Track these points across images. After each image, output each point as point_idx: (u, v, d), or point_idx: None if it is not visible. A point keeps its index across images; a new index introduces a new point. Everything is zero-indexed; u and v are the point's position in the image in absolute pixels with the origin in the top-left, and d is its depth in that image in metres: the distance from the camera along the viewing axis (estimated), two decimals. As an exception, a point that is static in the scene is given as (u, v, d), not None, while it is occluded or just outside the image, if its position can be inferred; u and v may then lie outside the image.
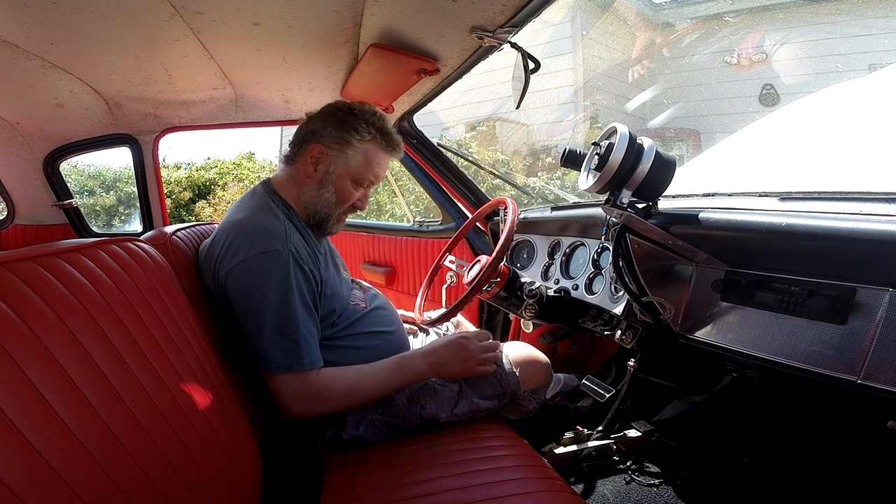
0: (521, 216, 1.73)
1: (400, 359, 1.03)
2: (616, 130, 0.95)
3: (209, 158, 7.10)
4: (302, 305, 0.94)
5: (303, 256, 0.97)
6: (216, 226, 1.07)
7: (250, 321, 0.93)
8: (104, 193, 6.19)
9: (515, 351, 1.17)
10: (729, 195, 1.12)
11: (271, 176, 1.11)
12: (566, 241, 1.52)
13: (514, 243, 1.74)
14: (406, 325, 1.30)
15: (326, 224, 1.07)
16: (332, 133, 1.03)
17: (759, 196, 1.03)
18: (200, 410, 0.71)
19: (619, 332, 1.17)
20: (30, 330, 0.50)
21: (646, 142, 0.95)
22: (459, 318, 1.46)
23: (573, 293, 1.34)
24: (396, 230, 2.36)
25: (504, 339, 1.86)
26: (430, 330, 1.38)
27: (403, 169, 2.26)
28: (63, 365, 0.51)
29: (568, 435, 1.21)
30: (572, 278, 1.44)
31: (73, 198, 1.92)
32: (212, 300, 1.00)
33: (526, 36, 1.06)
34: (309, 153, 1.04)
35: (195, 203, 6.42)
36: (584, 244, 1.45)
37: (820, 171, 1.20)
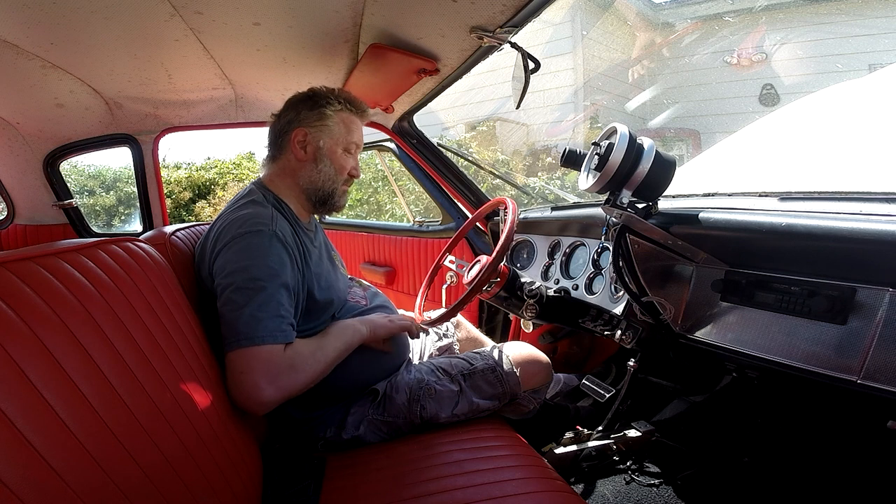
0: (521, 216, 1.73)
1: (338, 324, 1.04)
2: (616, 130, 0.95)
3: (209, 158, 7.10)
4: (281, 283, 0.92)
5: (288, 241, 0.96)
6: None
7: (228, 293, 0.90)
8: (104, 193, 6.19)
9: (515, 351, 1.17)
10: (729, 195, 1.12)
11: (260, 176, 1.12)
12: (566, 241, 1.52)
13: (514, 243, 1.73)
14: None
15: (332, 198, 1.10)
16: (308, 114, 1.07)
17: (759, 196, 1.02)
18: (200, 410, 0.71)
19: (619, 332, 1.17)
20: (30, 330, 0.50)
21: (646, 142, 0.95)
22: (459, 317, 1.46)
23: (573, 293, 1.34)
24: (396, 230, 2.36)
25: (504, 339, 1.86)
26: (430, 330, 1.38)
27: (403, 169, 2.26)
28: (63, 365, 0.51)
29: (568, 435, 1.21)
30: (572, 278, 1.44)
31: (73, 198, 1.92)
32: (211, 298, 1.00)
33: (526, 36, 1.06)
34: (294, 139, 1.07)
35: (195, 203, 6.42)
36: (584, 244, 1.45)
37: (820, 171, 1.19)
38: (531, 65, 1.11)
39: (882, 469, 0.93)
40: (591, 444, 1.21)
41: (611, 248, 1.04)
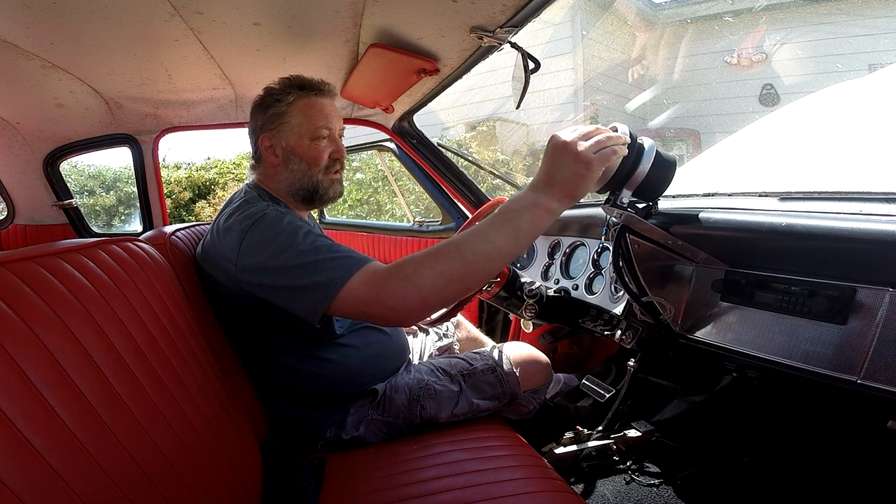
0: (521, 216, 1.72)
1: (500, 209, 0.78)
2: (616, 130, 0.95)
3: (209, 158, 7.09)
4: (316, 235, 0.86)
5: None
6: None
7: (284, 282, 0.82)
8: (104, 193, 6.18)
9: (515, 351, 1.17)
10: (729, 195, 1.12)
11: (253, 179, 1.12)
12: (566, 241, 1.52)
13: (514, 243, 1.73)
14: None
15: (319, 191, 1.07)
16: (263, 119, 1.06)
17: (759, 196, 1.02)
18: (200, 410, 0.71)
19: (619, 332, 1.17)
20: (30, 330, 0.50)
21: (646, 142, 0.95)
22: (459, 317, 1.46)
23: (573, 293, 1.34)
24: (396, 230, 2.36)
25: (504, 339, 1.86)
26: (430, 330, 1.38)
27: (403, 169, 2.26)
28: (63, 365, 0.51)
29: (568, 435, 1.21)
30: (572, 278, 1.44)
31: (73, 198, 1.91)
32: (212, 298, 1.00)
33: (526, 36, 1.06)
34: (262, 148, 1.07)
35: (195, 203, 6.41)
36: (584, 244, 1.45)
37: (820, 171, 1.19)
38: (531, 65, 1.11)
39: (882, 469, 0.93)
40: (591, 444, 1.21)
41: (611, 248, 1.04)
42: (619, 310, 1.18)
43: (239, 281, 0.88)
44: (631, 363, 1.18)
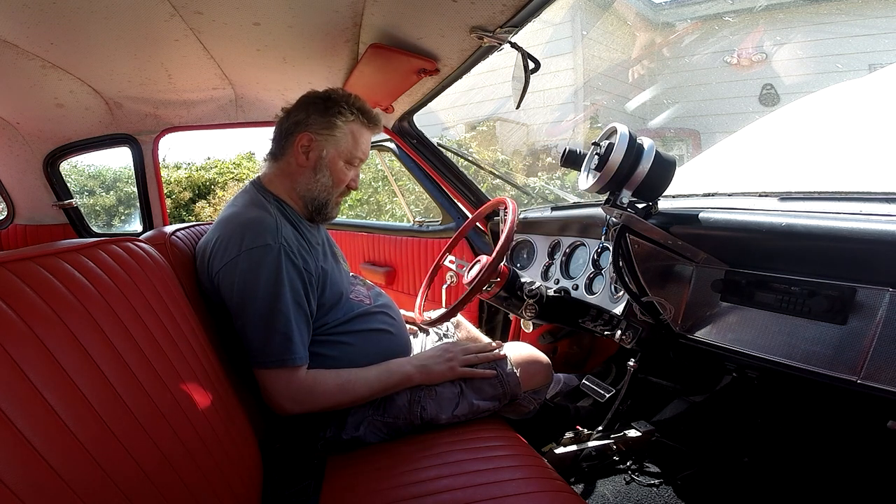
0: (521, 216, 1.73)
1: (389, 362, 1.05)
2: (616, 130, 0.95)
3: (209, 158, 7.09)
4: (293, 302, 0.94)
5: (294, 250, 0.97)
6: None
7: (243, 317, 0.94)
8: (104, 193, 6.19)
9: (516, 351, 1.17)
10: (729, 195, 1.12)
11: (259, 175, 1.12)
12: (566, 241, 1.52)
13: (514, 243, 1.73)
14: (406, 325, 1.30)
15: (326, 209, 1.09)
16: (317, 120, 1.04)
17: (759, 196, 1.03)
18: (200, 410, 0.71)
19: (619, 332, 1.17)
20: (30, 330, 0.50)
21: (646, 142, 0.95)
22: (459, 317, 1.46)
23: (573, 293, 1.34)
24: (396, 230, 2.36)
25: (504, 339, 1.86)
26: (431, 330, 1.38)
27: (403, 169, 2.26)
28: (63, 365, 0.51)
29: (568, 435, 1.21)
30: (572, 278, 1.44)
31: (73, 198, 1.92)
32: (209, 299, 1.00)
33: (526, 36, 1.06)
34: (298, 143, 1.05)
35: (195, 203, 6.41)
36: (584, 244, 1.45)
37: (820, 171, 1.19)
38: (531, 65, 1.11)
39: (882, 469, 0.93)
40: (591, 444, 1.21)
41: (611, 248, 1.04)
42: (619, 310, 1.18)
43: (212, 278, 0.97)
44: (631, 363, 1.18)
